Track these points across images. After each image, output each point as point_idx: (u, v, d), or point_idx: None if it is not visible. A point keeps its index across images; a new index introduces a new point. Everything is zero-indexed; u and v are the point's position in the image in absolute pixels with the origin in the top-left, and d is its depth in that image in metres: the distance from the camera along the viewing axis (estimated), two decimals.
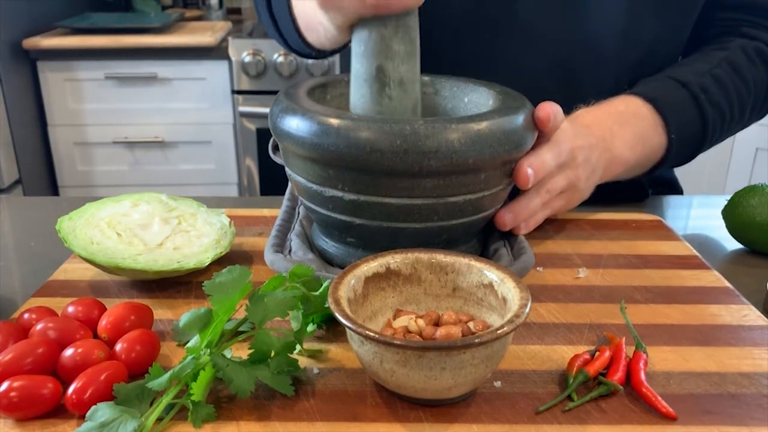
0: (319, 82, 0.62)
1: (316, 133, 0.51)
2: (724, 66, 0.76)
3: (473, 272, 0.49)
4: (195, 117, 2.19)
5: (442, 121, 0.50)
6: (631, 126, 0.71)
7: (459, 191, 0.52)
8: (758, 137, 2.07)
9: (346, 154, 0.50)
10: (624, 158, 0.70)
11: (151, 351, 0.46)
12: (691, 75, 0.75)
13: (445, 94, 0.65)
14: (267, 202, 0.79)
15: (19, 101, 2.05)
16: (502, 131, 0.52)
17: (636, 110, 0.72)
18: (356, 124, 0.50)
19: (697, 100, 0.73)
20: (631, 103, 0.73)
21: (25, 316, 0.49)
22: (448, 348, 0.39)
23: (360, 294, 0.47)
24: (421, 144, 0.49)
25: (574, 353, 0.48)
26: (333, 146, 0.50)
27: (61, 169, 2.24)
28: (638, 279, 0.60)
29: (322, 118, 0.51)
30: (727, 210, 0.70)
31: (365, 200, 0.52)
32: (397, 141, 0.49)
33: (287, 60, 2.06)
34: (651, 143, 0.73)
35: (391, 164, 0.49)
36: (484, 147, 0.51)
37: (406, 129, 0.49)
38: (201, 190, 2.24)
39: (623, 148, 0.70)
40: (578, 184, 0.65)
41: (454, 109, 0.64)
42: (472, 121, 0.51)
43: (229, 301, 0.45)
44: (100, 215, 0.61)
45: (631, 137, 0.71)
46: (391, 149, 0.49)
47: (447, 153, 0.49)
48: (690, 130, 0.74)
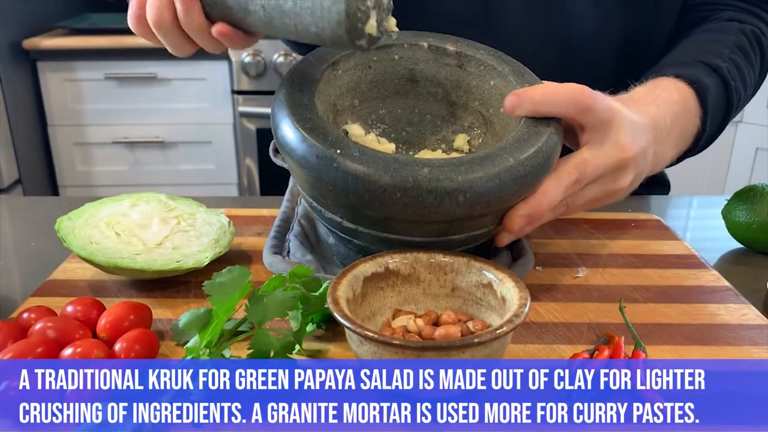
0: (328, 62, 0.57)
1: (314, 165, 0.47)
2: (737, 51, 0.70)
3: (472, 272, 0.49)
4: (195, 117, 2.18)
5: (447, 172, 0.46)
6: (681, 121, 0.64)
7: (462, 231, 0.50)
8: (758, 137, 2.07)
9: (342, 194, 0.47)
10: (668, 158, 0.64)
11: (150, 350, 0.46)
12: (718, 59, 0.68)
13: (470, 70, 0.60)
14: (266, 202, 0.79)
15: (19, 101, 2.05)
16: (514, 179, 0.48)
17: (687, 102, 0.65)
18: (355, 167, 0.46)
19: (728, 88, 0.67)
20: (683, 92, 0.65)
21: (25, 316, 0.49)
22: (447, 348, 0.39)
23: (359, 294, 0.47)
24: (423, 199, 0.46)
25: (573, 352, 0.48)
26: (330, 185, 0.47)
27: (61, 169, 2.24)
28: (637, 278, 0.60)
29: (321, 149, 0.47)
30: (727, 210, 0.70)
31: (363, 230, 0.50)
32: (397, 194, 0.46)
33: (287, 60, 2.05)
34: (688, 137, 0.66)
35: (389, 213, 0.47)
36: (492, 200, 0.47)
37: (408, 181, 0.45)
38: (201, 190, 2.24)
39: (670, 148, 0.63)
40: (616, 195, 0.58)
41: (478, 89, 0.60)
42: (482, 167, 0.47)
43: (228, 301, 0.45)
44: (99, 215, 0.61)
45: (678, 134, 0.64)
46: (390, 200, 0.46)
47: (450, 208, 0.46)
48: (716, 122, 0.68)
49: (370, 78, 0.60)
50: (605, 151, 0.54)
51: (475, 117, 0.62)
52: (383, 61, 0.60)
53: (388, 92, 0.62)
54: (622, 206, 0.77)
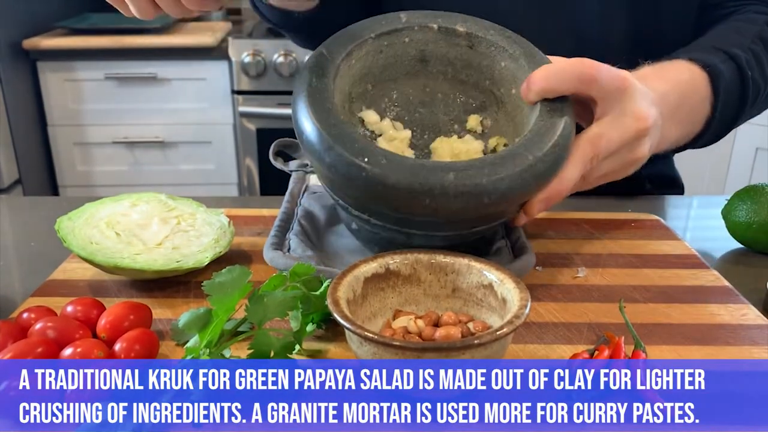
0: (343, 54, 0.57)
1: (343, 174, 0.49)
2: (759, 43, 0.69)
3: (473, 273, 0.49)
4: (195, 117, 2.18)
5: (472, 176, 0.48)
6: (689, 101, 0.64)
7: (485, 223, 0.53)
8: (758, 137, 2.07)
9: (371, 199, 0.49)
10: (672, 138, 0.64)
11: (150, 350, 0.46)
12: (736, 48, 0.67)
13: (481, 50, 0.60)
14: (266, 202, 0.79)
15: (19, 101, 2.05)
16: (535, 176, 0.50)
17: (696, 84, 0.64)
18: (383, 174, 0.48)
19: (743, 78, 0.67)
20: (694, 74, 0.65)
21: (24, 316, 0.49)
22: (448, 349, 0.39)
23: (359, 294, 0.47)
24: (450, 203, 0.48)
25: (573, 352, 0.48)
26: (358, 191, 0.49)
27: (61, 169, 2.24)
28: (637, 278, 0.60)
29: (349, 158, 0.48)
30: (727, 210, 0.70)
31: (390, 226, 0.52)
32: (426, 200, 0.47)
33: (287, 60, 2.05)
34: (695, 119, 0.66)
35: (416, 216, 0.49)
36: (515, 197, 0.50)
37: (436, 188, 0.47)
38: (201, 190, 2.24)
39: (675, 126, 0.63)
40: (634, 165, 0.57)
41: (489, 69, 0.61)
42: (504, 168, 0.49)
43: (228, 300, 0.45)
44: (99, 215, 0.61)
45: (684, 114, 0.63)
46: (419, 205, 0.48)
47: (476, 208, 0.48)
48: (729, 112, 0.67)
49: (382, 62, 0.61)
50: (621, 122, 0.54)
51: (486, 96, 0.62)
52: (394, 45, 0.60)
53: (399, 74, 0.62)
54: (622, 206, 0.77)
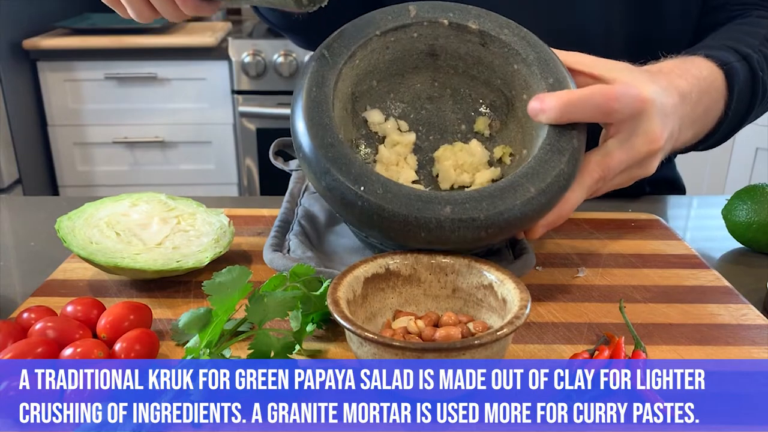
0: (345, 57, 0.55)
1: (338, 197, 0.49)
2: (766, 44, 0.68)
3: (473, 273, 0.49)
4: (195, 117, 2.18)
5: (469, 210, 0.48)
6: (707, 98, 0.62)
7: (482, 247, 0.53)
8: (758, 137, 2.07)
9: (366, 224, 0.49)
10: (687, 138, 0.63)
11: (150, 350, 0.46)
12: (748, 48, 0.66)
13: (493, 50, 0.58)
14: (266, 202, 0.79)
15: (19, 101, 2.05)
16: (535, 208, 0.49)
17: (715, 82, 0.63)
18: (378, 204, 0.48)
19: (755, 79, 0.66)
20: (713, 72, 0.64)
21: (25, 316, 0.49)
22: (448, 349, 0.39)
23: (359, 295, 0.47)
24: (446, 237, 0.48)
25: (573, 352, 0.48)
26: (353, 215, 0.49)
27: (61, 169, 2.24)
28: (637, 278, 0.60)
29: (345, 186, 0.48)
30: (727, 210, 0.70)
31: (389, 244, 0.52)
32: (421, 233, 0.48)
33: (287, 60, 2.05)
34: (710, 118, 0.65)
35: (412, 244, 0.50)
36: (513, 229, 0.49)
37: (432, 222, 0.47)
38: (201, 190, 2.24)
39: (691, 126, 0.62)
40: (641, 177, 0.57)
41: (501, 69, 0.59)
42: (503, 201, 0.48)
43: (228, 301, 0.45)
44: (99, 215, 0.61)
45: (701, 113, 0.63)
46: (413, 236, 0.48)
47: (472, 240, 0.48)
48: (739, 111, 0.67)
49: (388, 57, 0.59)
50: (632, 143, 0.53)
51: (497, 95, 0.61)
52: (401, 40, 0.58)
53: (407, 68, 0.61)
54: (623, 206, 0.77)
